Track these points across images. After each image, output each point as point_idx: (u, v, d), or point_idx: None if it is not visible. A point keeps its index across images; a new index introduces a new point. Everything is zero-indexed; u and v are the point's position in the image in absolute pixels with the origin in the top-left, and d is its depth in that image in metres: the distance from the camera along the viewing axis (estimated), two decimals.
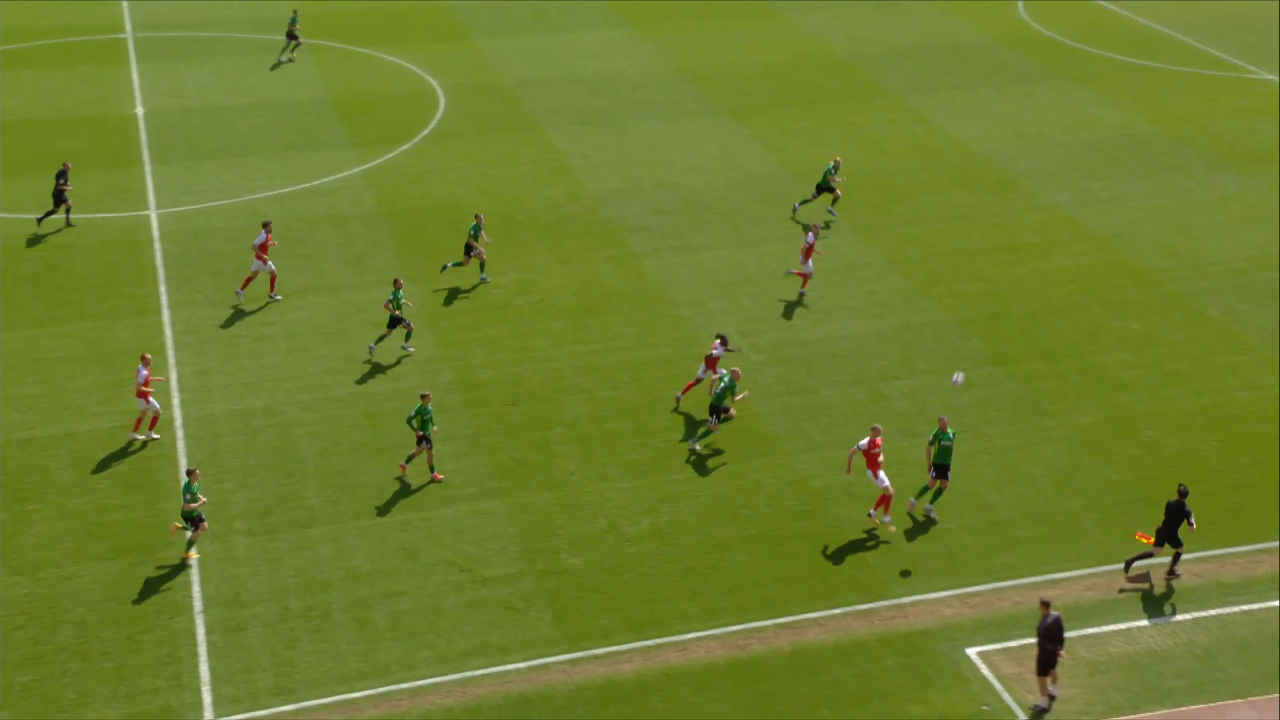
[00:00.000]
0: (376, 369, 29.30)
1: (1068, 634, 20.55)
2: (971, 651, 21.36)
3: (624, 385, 28.67)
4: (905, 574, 23.02)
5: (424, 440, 25.20)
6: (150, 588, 22.80)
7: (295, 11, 49.01)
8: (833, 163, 35.74)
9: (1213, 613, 21.98)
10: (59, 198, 34.97)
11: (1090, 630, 21.62)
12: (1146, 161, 38.44)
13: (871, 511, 24.25)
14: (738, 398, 26.78)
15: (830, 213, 35.49)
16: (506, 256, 33.92)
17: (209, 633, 21.87)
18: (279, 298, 31.84)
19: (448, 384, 28.77)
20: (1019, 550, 23.64)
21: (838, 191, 35.42)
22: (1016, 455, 26.06)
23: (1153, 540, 22.51)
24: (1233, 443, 26.16)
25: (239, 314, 31.34)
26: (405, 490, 25.39)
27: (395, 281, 29.73)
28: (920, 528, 24.26)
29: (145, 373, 26.35)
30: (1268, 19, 49.35)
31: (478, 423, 27.38)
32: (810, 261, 31.64)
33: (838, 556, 23.65)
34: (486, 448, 26.51)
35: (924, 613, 22.22)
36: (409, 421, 25.25)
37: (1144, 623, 21.86)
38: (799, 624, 22.06)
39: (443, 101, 44.30)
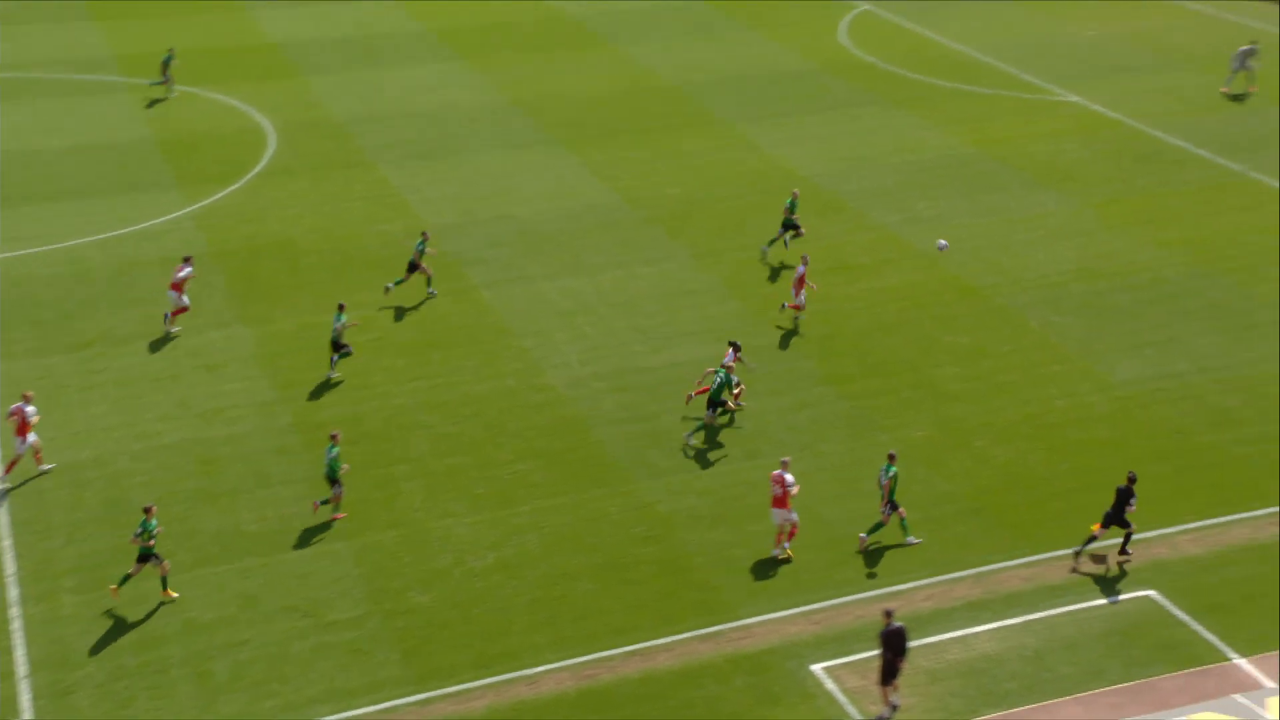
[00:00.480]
0: (210, 413, 28.61)
1: (908, 644, 21.04)
2: (816, 667, 21.75)
3: (466, 420, 28.52)
4: (754, 593, 23.36)
5: (336, 483, 24.96)
6: None
7: (171, 50, 48.10)
8: (791, 197, 35.41)
9: (1041, 615, 22.79)
10: None
11: (928, 639, 22.21)
12: (968, 182, 39.85)
13: (784, 546, 24.22)
14: (735, 391, 27.36)
15: (785, 246, 35.28)
16: (342, 294, 33.47)
17: (35, 698, 21.00)
18: (177, 330, 31.47)
19: (286, 426, 28.23)
20: (858, 564, 24.18)
21: (801, 229, 35.05)
22: (853, 471, 26.68)
23: (1100, 525, 23.48)
24: (1055, 450, 27.22)
25: (64, 363, 30.29)
26: (244, 536, 24.81)
27: (339, 306, 29.87)
28: (762, 548, 24.63)
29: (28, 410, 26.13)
30: (1070, 45, 51.70)
31: (318, 464, 26.89)
32: (803, 293, 31.47)
33: (683, 581, 23.87)
34: (328, 490, 26.05)
35: (769, 632, 22.56)
36: (335, 469, 24.77)
37: (978, 629, 22.55)
38: (647, 650, 22.18)
39: (272, 139, 43.60)
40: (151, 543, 22.71)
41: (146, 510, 22.86)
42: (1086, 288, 33.39)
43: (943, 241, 26.76)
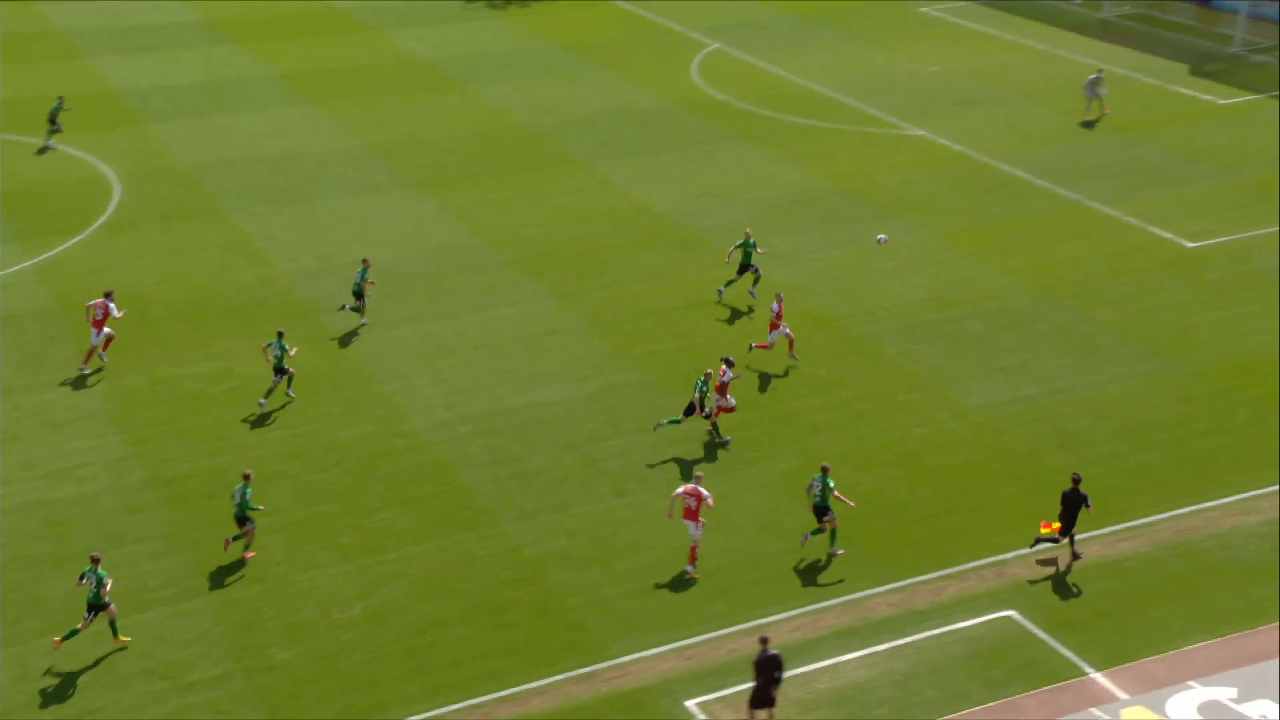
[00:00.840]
0: (57, 474, 27.66)
1: (783, 672, 21.26)
2: (691, 703, 21.85)
3: (330, 468, 28.08)
4: (625, 630, 23.39)
5: (247, 521, 24.84)
6: None
7: (61, 98, 46.97)
8: (746, 236, 34.95)
9: (908, 640, 23.26)
10: None
11: (799, 670, 22.49)
12: (821, 215, 40.75)
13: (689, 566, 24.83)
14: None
15: (750, 293, 35.06)
16: (198, 344, 32.75)
17: None
18: (86, 370, 31.34)
19: (139, 482, 27.46)
20: (730, 598, 24.41)
21: (759, 271, 34.80)
22: (722, 505, 26.93)
23: (1059, 527, 24.52)
24: (916, 475, 27.89)
25: None
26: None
27: (278, 333, 30.11)
28: (634, 586, 24.71)
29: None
30: (914, 81, 53.36)
31: (175, 520, 26.21)
32: (783, 327, 31.65)
33: (556, 622, 23.80)
34: (186, 545, 25.41)
35: (643, 669, 22.61)
36: (246, 508, 24.64)
37: (848, 656, 22.93)
38: (521, 695, 22.04)
39: (117, 189, 42.54)
40: (105, 592, 22.44)
41: (94, 560, 22.66)
42: (940, 315, 34.36)
43: (882, 236, 28.81)
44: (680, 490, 24.65)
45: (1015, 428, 29.51)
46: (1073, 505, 24.57)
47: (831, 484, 24.82)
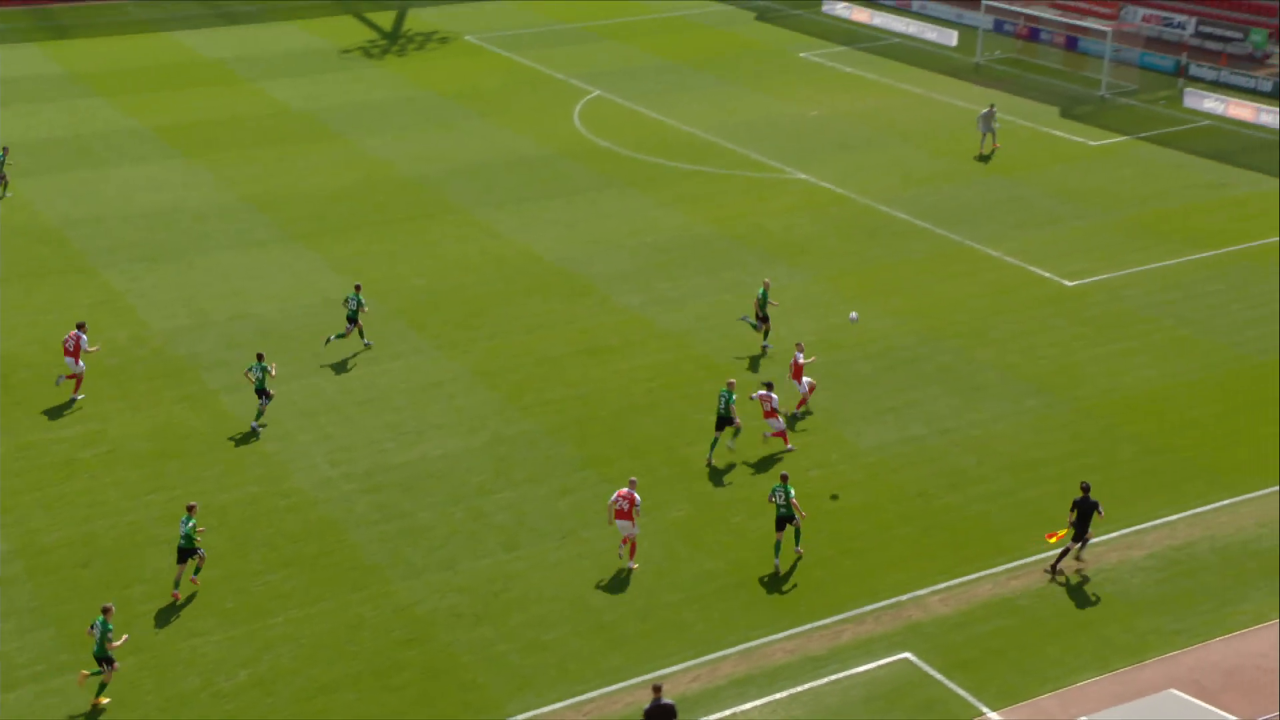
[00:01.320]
0: None
1: None
2: None
3: (211, 530, 27.32)
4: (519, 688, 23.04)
5: (195, 553, 25.06)
6: None
7: (5, 149, 45.83)
8: (763, 287, 34.89)
9: (806, 686, 23.26)
10: None
11: None
12: (708, 260, 41.04)
13: (620, 552, 26.20)
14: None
15: (764, 347, 34.88)
16: (66, 406, 31.71)
17: None
18: (80, 397, 32.24)
19: (5, 554, 26.41)
20: (626, 650, 24.21)
21: (768, 323, 34.62)
22: (616, 555, 26.76)
23: (1070, 534, 25.62)
24: (811, 518, 27.95)
25: None
26: None
27: (258, 355, 31.63)
28: (528, 641, 24.39)
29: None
30: (795, 125, 54.25)
31: (44, 592, 25.25)
32: (805, 379, 31.53)
33: (449, 682, 23.36)
34: (55, 618, 24.46)
35: None
36: (189, 539, 24.94)
37: (746, 705, 22.83)
38: None
39: None
40: (114, 645, 22.48)
41: (105, 611, 22.59)
42: (828, 358, 34.74)
43: (854, 314, 30.83)
44: (615, 496, 26.04)
45: (906, 468, 29.87)
46: (1085, 513, 25.64)
47: (792, 491, 26.05)
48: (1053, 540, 25.89)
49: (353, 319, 34.50)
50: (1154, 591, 25.61)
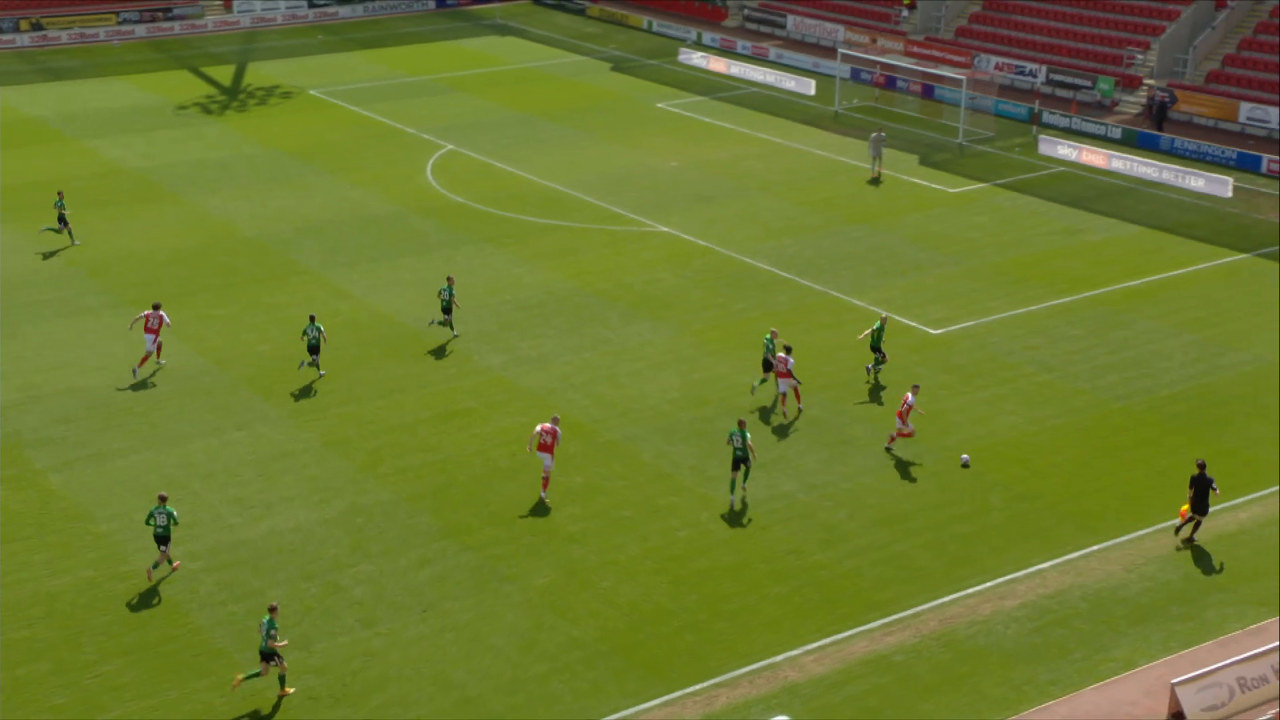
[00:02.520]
0: None
1: None
2: None
3: (38, 621, 26.32)
4: None
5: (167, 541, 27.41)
6: None
7: (60, 194, 46.94)
8: (880, 321, 36.81)
9: None
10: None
11: None
12: (569, 316, 41.17)
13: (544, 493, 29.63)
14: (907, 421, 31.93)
15: (869, 370, 36.93)
16: None
17: None
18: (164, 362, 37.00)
19: None
20: None
21: (884, 356, 36.71)
22: (480, 627, 26.51)
23: (1189, 509, 28.36)
24: (681, 582, 28.11)
25: None
26: None
27: (310, 317, 36.73)
28: None
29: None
30: (654, 177, 54.94)
31: None
32: (909, 421, 32.47)
33: None
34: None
35: None
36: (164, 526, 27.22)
37: None
38: None
39: None
40: (276, 645, 24.18)
41: (271, 610, 24.43)
42: (695, 414, 35.03)
43: (965, 457, 32.23)
44: (539, 428, 29.89)
45: (777, 525, 30.19)
46: (1202, 489, 28.17)
47: (749, 436, 30.01)
48: (1182, 515, 28.77)
49: (447, 308, 38.55)
50: (1027, 642, 26.23)
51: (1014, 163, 56.83)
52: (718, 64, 72.89)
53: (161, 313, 36.85)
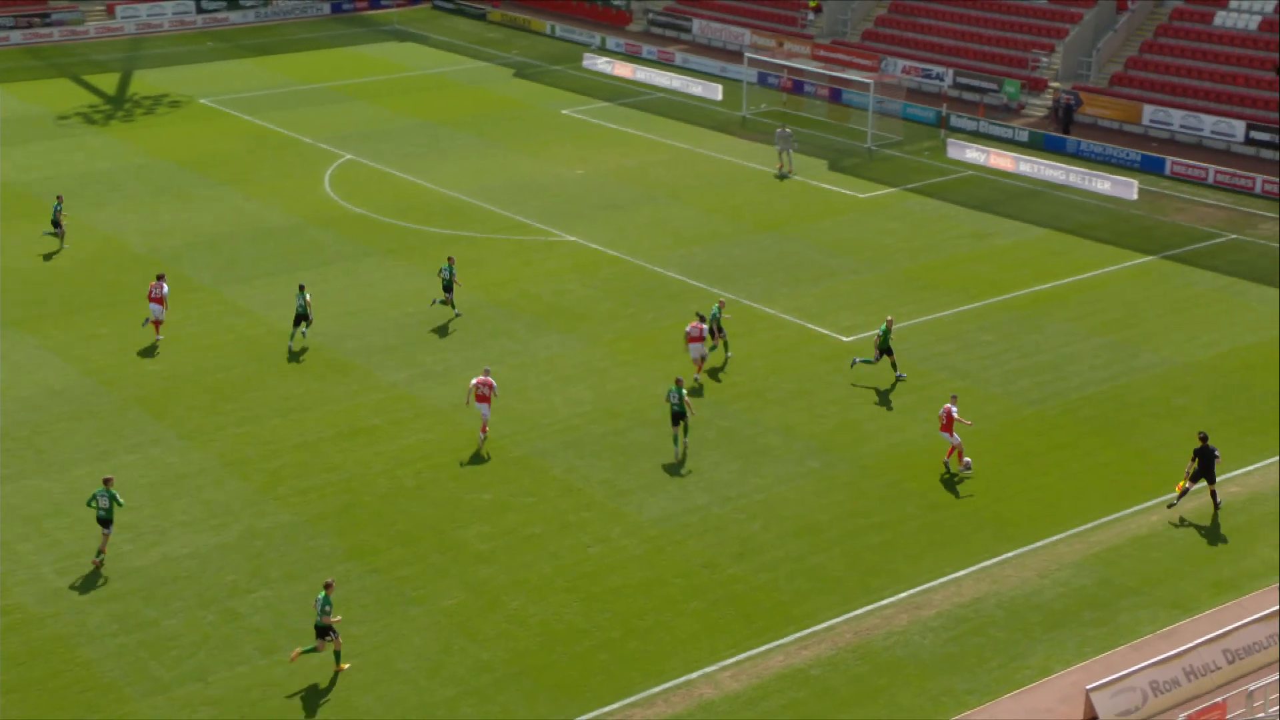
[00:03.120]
0: None
1: None
2: None
3: None
4: None
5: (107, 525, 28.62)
6: None
7: (59, 198, 47.41)
8: (885, 324, 37.46)
9: None
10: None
11: None
12: (474, 329, 40.91)
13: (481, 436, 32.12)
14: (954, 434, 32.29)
15: (895, 376, 37.50)
16: None
17: None
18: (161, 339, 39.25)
19: None
20: None
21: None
22: (386, 651, 26.19)
23: (1186, 482, 30.29)
24: (593, 599, 28.01)
25: None
26: None
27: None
28: None
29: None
30: (561, 185, 54.88)
31: None
32: (955, 434, 32.62)
33: None
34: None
35: None
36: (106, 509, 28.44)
37: None
38: None
39: None
40: (330, 620, 25.31)
41: (326, 586, 25.56)
42: (606, 428, 34.97)
43: (968, 460, 32.33)
44: (475, 381, 33.13)
45: (691, 539, 30.22)
46: (1207, 459, 29.99)
47: (685, 392, 32.48)
48: (1179, 489, 30.62)
49: (448, 287, 41.02)
50: (944, 651, 26.50)
51: (923, 167, 57.60)
52: (623, 69, 73.06)
53: (163, 283, 39.42)
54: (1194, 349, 39.57)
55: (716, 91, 68.31)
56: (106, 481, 28.77)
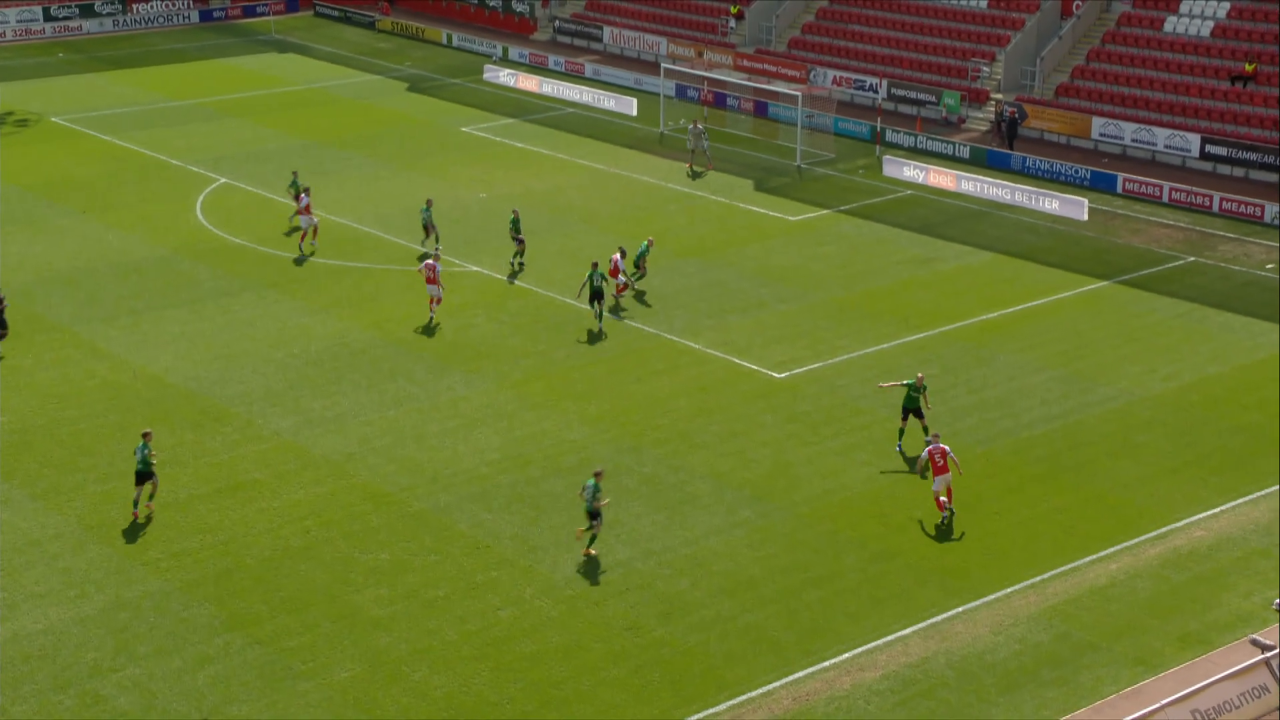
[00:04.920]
0: None
1: None
2: None
3: None
4: None
5: (151, 477, 32.50)
6: None
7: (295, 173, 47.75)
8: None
9: None
10: None
11: None
12: (368, 370, 40.74)
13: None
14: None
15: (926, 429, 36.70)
16: None
17: None
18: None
19: None
20: None
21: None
22: None
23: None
24: (504, 668, 27.91)
25: None
26: None
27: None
28: None
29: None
30: (463, 211, 54.87)
31: None
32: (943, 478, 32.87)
33: None
34: None
35: None
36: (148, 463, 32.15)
37: None
38: None
39: None
40: (600, 504, 30.83)
41: (596, 475, 30.98)
42: (516, 477, 34.93)
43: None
44: (423, 264, 41.01)
45: (612, 599, 30.23)
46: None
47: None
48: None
49: (427, 226, 46.80)
50: (891, 717, 26.70)
51: (858, 186, 58.41)
52: (528, 82, 73.37)
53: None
54: (1152, 381, 40.40)
55: (631, 106, 68.82)
56: (145, 435, 32.75)
